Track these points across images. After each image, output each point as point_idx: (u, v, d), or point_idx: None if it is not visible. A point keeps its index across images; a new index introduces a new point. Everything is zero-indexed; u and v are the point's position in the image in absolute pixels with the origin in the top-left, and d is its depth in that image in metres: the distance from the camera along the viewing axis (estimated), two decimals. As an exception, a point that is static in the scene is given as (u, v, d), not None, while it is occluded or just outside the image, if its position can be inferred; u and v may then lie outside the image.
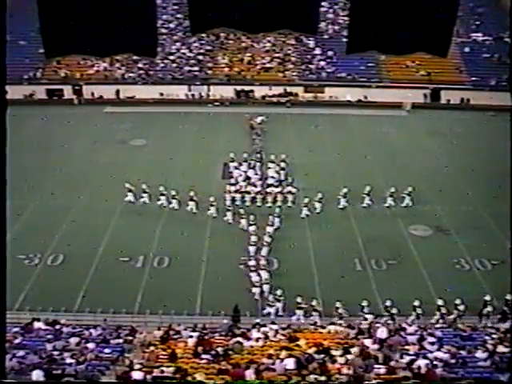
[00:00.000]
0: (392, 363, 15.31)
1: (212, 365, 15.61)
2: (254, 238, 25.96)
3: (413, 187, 30.54)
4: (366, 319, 20.45)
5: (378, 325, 19.12)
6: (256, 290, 22.98)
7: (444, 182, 33.68)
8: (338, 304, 21.14)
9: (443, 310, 20.92)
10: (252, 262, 24.56)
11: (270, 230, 26.96)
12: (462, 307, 20.94)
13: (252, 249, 25.63)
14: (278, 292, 22.02)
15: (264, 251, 25.61)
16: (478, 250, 26.34)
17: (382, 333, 18.00)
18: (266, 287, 23.02)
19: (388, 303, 21.21)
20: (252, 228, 26.80)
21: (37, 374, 13.78)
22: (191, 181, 32.52)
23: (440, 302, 21.18)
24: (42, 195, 31.61)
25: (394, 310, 20.97)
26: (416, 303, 21.14)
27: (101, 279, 24.09)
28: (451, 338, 18.20)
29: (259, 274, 23.53)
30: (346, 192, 30.05)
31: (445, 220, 29.29)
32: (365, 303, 21.13)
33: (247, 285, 23.40)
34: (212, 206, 29.09)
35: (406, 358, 15.81)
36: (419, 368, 14.73)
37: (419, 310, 21.01)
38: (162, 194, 29.96)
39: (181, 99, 48.40)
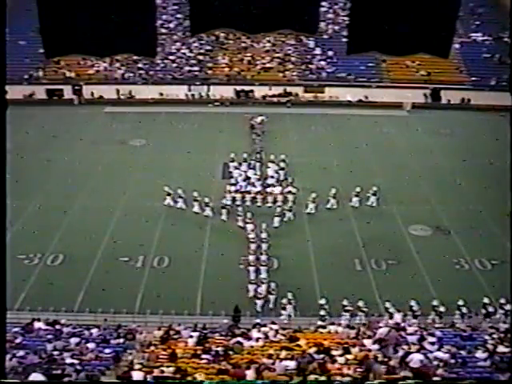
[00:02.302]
0: (391, 362, 15.30)
1: (212, 365, 15.61)
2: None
3: (378, 187, 30.58)
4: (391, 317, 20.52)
5: (380, 324, 19.14)
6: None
7: (444, 182, 33.69)
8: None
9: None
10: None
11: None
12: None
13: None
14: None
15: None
16: (478, 250, 26.36)
17: (381, 333, 18.01)
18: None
19: (435, 302, 21.22)
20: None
21: (35, 377, 13.74)
22: (191, 181, 32.58)
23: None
24: (42, 195, 31.61)
25: (442, 309, 21.00)
26: (460, 302, 21.14)
27: (101, 279, 24.10)
28: (451, 337, 18.20)
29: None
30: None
31: (445, 220, 29.29)
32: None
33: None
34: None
35: (400, 353, 15.91)
36: (412, 362, 14.81)
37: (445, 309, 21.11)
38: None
39: (181, 99, 48.40)
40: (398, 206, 30.56)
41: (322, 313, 21.14)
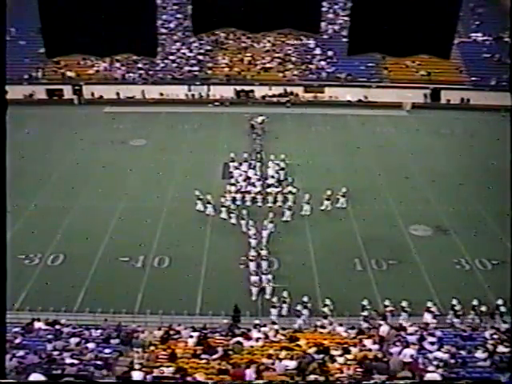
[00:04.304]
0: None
1: (212, 365, 15.61)
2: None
3: (347, 188, 30.39)
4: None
5: (380, 322, 19.19)
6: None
7: (444, 182, 33.69)
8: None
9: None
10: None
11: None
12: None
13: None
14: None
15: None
16: (478, 249, 26.34)
17: (383, 332, 18.05)
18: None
19: (475, 302, 21.07)
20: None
21: (35, 377, 13.74)
22: (191, 181, 32.63)
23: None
24: (42, 195, 31.61)
25: (484, 308, 20.83)
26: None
27: (101, 279, 24.09)
28: (451, 338, 18.20)
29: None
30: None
31: (445, 220, 29.29)
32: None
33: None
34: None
35: (396, 349, 16.00)
36: (404, 356, 14.93)
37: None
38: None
39: (181, 99, 48.41)
40: (398, 205, 30.56)
41: (365, 313, 20.94)
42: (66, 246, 26.48)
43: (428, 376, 14.18)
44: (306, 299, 21.44)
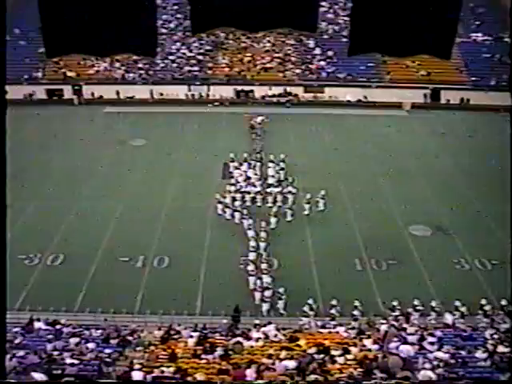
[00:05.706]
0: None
1: (212, 365, 15.61)
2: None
3: (326, 190, 30.20)
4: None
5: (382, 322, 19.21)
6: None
7: (444, 182, 33.69)
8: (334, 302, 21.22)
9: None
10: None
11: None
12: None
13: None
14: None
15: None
16: (478, 250, 26.35)
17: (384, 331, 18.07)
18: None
19: (503, 302, 20.96)
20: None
21: (35, 376, 13.75)
22: (191, 181, 32.62)
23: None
24: (42, 195, 31.60)
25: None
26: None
27: (101, 279, 24.09)
28: (451, 338, 18.21)
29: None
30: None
31: (445, 220, 29.29)
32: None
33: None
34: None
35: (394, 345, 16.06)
36: (401, 352, 15.08)
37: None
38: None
39: (181, 99, 48.39)
40: (398, 205, 30.57)
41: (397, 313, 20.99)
42: (66, 246, 26.49)
43: (421, 373, 14.21)
44: (334, 302, 21.29)
